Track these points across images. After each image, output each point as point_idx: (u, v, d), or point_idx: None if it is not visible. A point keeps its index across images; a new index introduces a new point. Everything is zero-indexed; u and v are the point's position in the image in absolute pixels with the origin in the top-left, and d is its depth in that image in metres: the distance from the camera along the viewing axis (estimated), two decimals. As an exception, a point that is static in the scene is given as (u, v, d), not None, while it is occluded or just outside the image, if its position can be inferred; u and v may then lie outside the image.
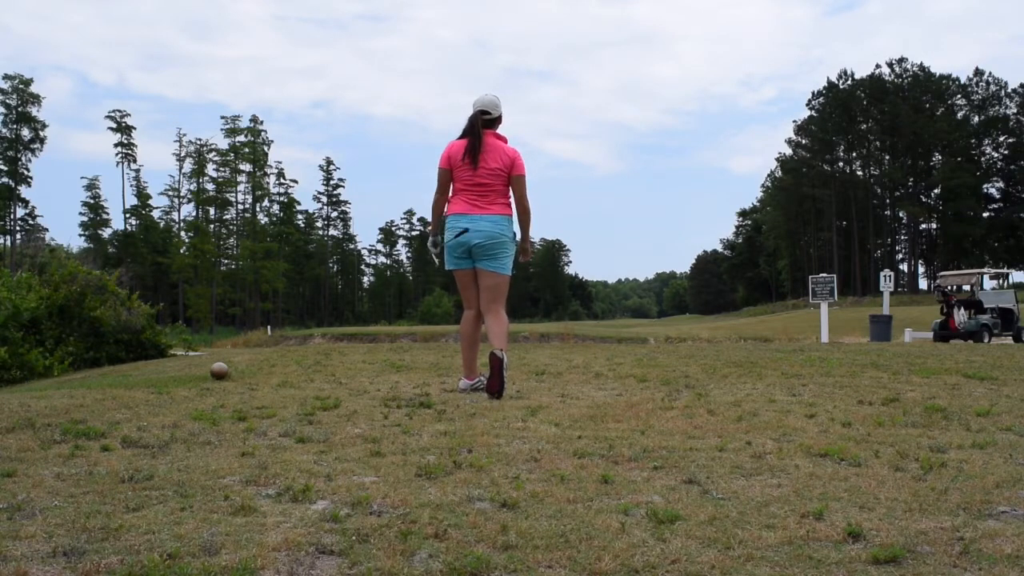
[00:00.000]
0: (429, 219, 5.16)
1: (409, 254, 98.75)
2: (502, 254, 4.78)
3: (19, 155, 67.38)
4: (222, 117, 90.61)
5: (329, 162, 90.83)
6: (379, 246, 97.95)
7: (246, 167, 78.92)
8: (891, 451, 2.87)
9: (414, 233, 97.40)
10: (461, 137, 4.82)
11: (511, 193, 4.81)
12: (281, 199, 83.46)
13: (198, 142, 77.24)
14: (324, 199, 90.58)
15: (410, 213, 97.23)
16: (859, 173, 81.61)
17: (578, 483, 2.42)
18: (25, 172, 68.43)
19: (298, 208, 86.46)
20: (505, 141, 4.83)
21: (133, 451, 2.99)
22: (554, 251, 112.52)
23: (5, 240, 69.09)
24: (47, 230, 73.66)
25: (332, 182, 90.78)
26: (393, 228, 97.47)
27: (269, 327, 51.02)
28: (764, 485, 2.40)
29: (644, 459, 2.77)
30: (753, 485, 2.40)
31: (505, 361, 4.50)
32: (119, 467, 2.63)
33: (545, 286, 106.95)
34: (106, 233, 76.18)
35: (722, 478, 2.49)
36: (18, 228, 69.55)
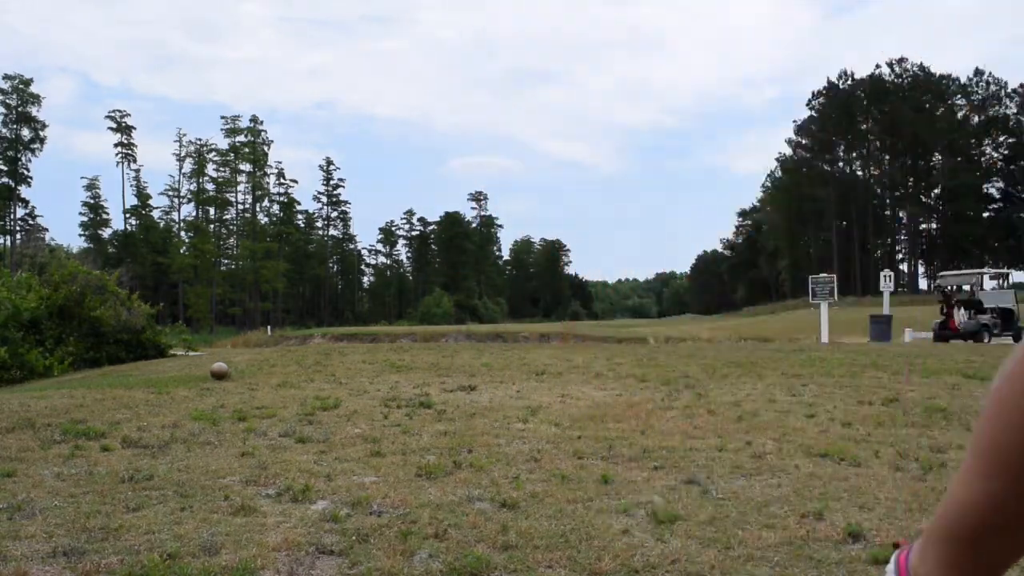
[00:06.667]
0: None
1: (409, 254, 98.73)
2: None
3: (19, 155, 67.39)
4: (222, 117, 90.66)
5: (329, 162, 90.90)
6: (379, 246, 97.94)
7: (246, 167, 78.99)
8: (891, 451, 2.87)
9: (414, 233, 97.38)
10: None
11: None
12: (281, 199, 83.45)
13: (198, 142, 77.31)
14: (324, 199, 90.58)
15: (410, 213, 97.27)
16: (859, 173, 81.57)
17: (578, 483, 2.42)
18: (25, 172, 68.45)
19: (298, 208, 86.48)
20: None
21: (133, 451, 2.99)
22: (554, 251, 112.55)
23: (5, 240, 69.07)
24: (47, 230, 73.66)
25: (332, 182, 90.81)
26: (393, 228, 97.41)
27: (269, 327, 51.00)
28: (764, 485, 2.40)
29: (644, 459, 2.76)
30: (753, 485, 2.40)
31: None
32: (119, 467, 2.62)
33: (545, 286, 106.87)
34: (106, 233, 76.22)
35: (722, 478, 2.49)
36: (18, 228, 69.54)
